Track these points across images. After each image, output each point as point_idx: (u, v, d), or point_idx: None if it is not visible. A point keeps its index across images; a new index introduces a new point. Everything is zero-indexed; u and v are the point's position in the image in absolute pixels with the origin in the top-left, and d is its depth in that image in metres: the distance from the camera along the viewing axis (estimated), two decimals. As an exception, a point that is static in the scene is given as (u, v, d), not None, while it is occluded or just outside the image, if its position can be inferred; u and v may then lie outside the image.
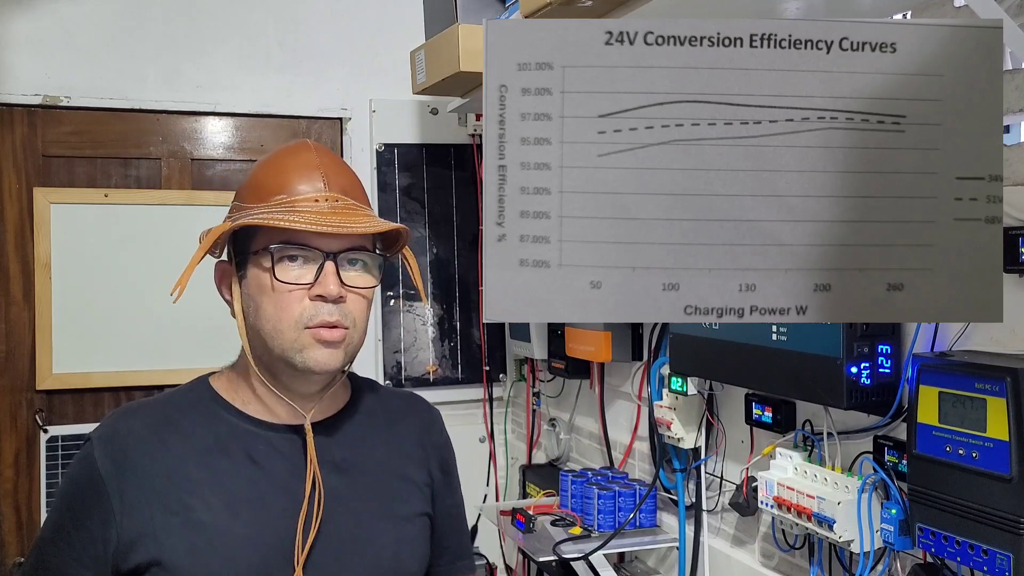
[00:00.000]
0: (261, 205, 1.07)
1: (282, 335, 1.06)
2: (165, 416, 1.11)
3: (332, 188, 1.08)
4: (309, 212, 1.05)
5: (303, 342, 1.06)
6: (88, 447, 1.09)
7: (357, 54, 2.74)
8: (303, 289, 1.06)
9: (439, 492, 1.23)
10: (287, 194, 1.07)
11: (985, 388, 1.09)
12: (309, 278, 1.06)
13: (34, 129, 2.47)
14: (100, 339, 2.48)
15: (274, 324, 1.06)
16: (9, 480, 2.43)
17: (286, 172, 1.09)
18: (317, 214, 1.05)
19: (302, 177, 1.08)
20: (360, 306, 1.10)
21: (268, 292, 1.06)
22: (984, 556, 1.09)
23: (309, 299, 1.06)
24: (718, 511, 1.81)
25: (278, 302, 1.06)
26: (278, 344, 1.07)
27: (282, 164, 1.11)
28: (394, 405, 1.25)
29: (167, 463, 1.07)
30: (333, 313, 1.06)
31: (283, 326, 1.06)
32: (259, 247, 1.07)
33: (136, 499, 1.05)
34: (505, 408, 2.87)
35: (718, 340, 1.58)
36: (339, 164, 1.14)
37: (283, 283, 1.05)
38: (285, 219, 1.04)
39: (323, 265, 1.06)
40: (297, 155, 1.11)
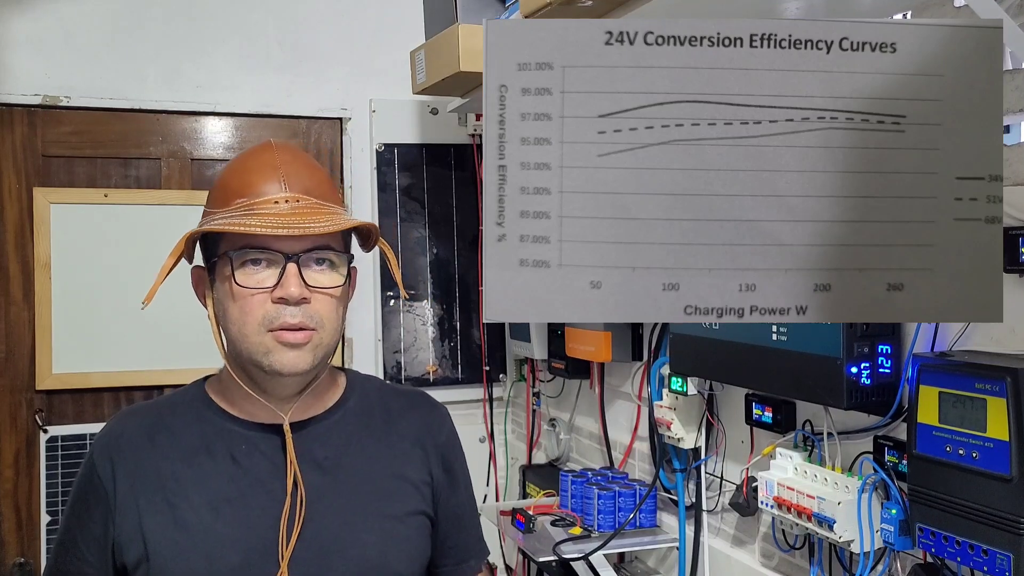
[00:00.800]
0: (224, 210, 1.08)
1: (247, 339, 1.07)
2: (158, 418, 1.14)
3: (292, 188, 1.08)
4: (268, 214, 1.05)
5: (267, 345, 1.06)
6: (90, 449, 1.14)
7: (357, 54, 2.74)
8: (265, 292, 1.06)
9: (441, 491, 1.22)
10: (248, 197, 1.07)
11: (985, 388, 1.09)
12: (271, 281, 1.06)
13: (34, 129, 2.47)
14: (100, 339, 2.48)
15: (239, 328, 1.07)
16: (9, 480, 2.43)
17: (246, 174, 1.10)
18: (276, 216, 1.05)
19: (262, 179, 1.08)
20: (327, 306, 1.09)
21: (232, 297, 1.07)
22: (984, 556, 1.09)
23: (272, 301, 1.06)
24: (718, 511, 1.81)
25: (242, 306, 1.06)
26: (245, 348, 1.08)
27: (243, 166, 1.12)
28: (395, 403, 1.24)
29: (156, 463, 1.10)
30: (296, 315, 1.06)
31: (247, 330, 1.06)
32: (222, 252, 1.08)
33: (127, 499, 1.08)
34: (505, 408, 2.87)
35: (718, 340, 1.58)
36: (302, 163, 1.13)
37: (244, 287, 1.06)
38: (242, 223, 1.04)
39: (284, 267, 1.06)
40: (258, 156, 1.12)
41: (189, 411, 1.14)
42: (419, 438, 1.22)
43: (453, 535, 1.24)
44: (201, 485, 1.08)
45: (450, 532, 1.23)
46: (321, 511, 1.10)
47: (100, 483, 1.09)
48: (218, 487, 1.08)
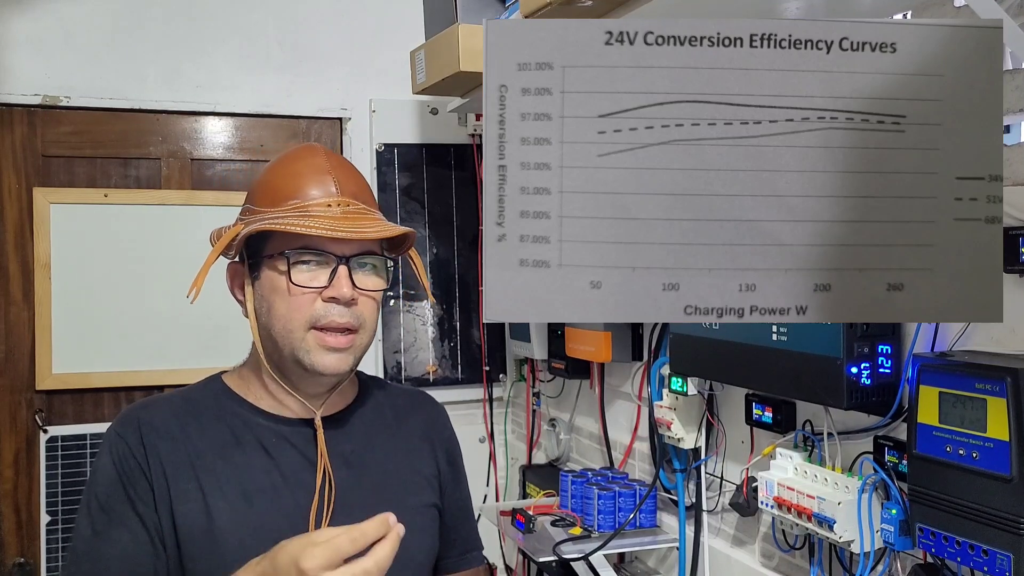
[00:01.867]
0: (275, 209, 1.11)
1: (292, 335, 1.10)
2: (184, 410, 1.16)
3: (344, 193, 1.12)
4: (322, 217, 1.09)
5: (310, 344, 1.10)
6: (113, 438, 1.12)
7: (357, 54, 2.74)
8: (316, 292, 1.09)
9: (447, 485, 1.27)
10: (300, 199, 1.10)
11: (985, 388, 1.09)
12: (322, 280, 1.10)
13: (34, 129, 2.47)
14: (100, 339, 2.48)
15: (284, 324, 1.10)
16: (9, 480, 2.43)
17: (298, 176, 1.13)
18: (330, 219, 1.09)
19: (314, 182, 1.12)
20: (370, 307, 1.13)
21: (282, 293, 1.10)
22: (984, 556, 1.09)
23: (322, 300, 1.09)
24: (718, 511, 1.81)
25: (291, 303, 1.10)
26: (288, 344, 1.10)
27: (294, 168, 1.14)
28: (401, 401, 1.29)
29: (188, 453, 1.11)
30: (344, 315, 1.10)
31: (293, 326, 1.10)
32: (274, 251, 1.11)
33: (161, 485, 1.09)
34: (505, 408, 2.87)
35: (718, 340, 1.58)
36: (349, 168, 1.18)
37: (298, 286, 1.09)
38: (300, 224, 1.07)
39: (336, 269, 1.10)
40: (308, 159, 1.14)
41: (214, 404, 1.16)
42: (426, 434, 1.27)
43: (458, 526, 1.29)
44: (234, 476, 1.11)
45: (455, 524, 1.29)
46: (349, 504, 1.13)
47: (138, 465, 1.09)
48: (252, 478, 1.11)
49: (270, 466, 1.12)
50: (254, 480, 1.11)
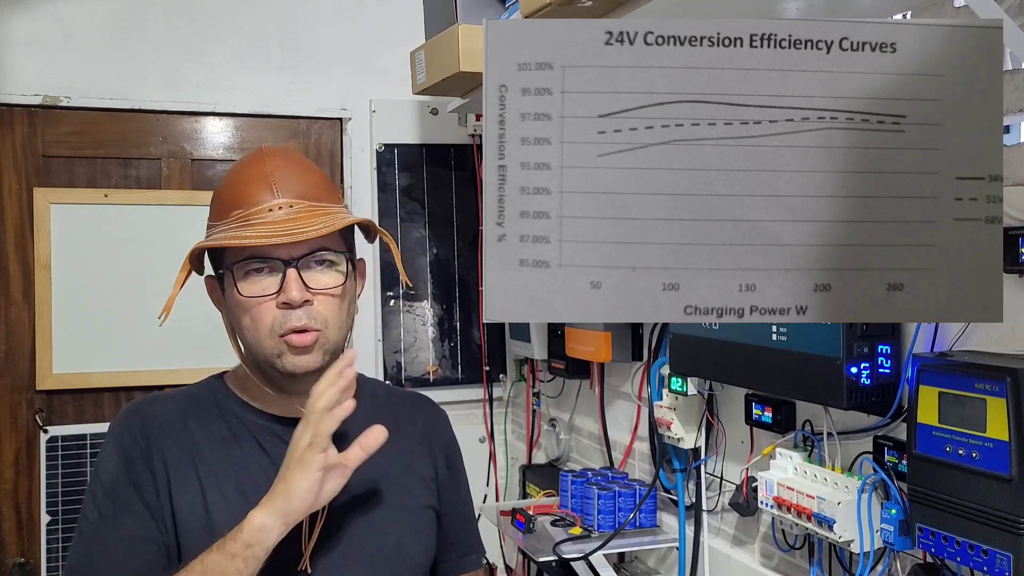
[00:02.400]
0: (223, 222, 1.11)
1: (260, 344, 1.11)
2: (185, 406, 1.17)
3: (285, 194, 1.11)
4: (263, 224, 1.08)
5: (279, 348, 1.11)
6: (118, 430, 1.14)
7: (357, 54, 2.74)
8: (270, 299, 1.10)
9: (445, 488, 1.27)
10: (243, 208, 1.10)
11: (985, 388, 1.09)
12: (274, 287, 1.10)
13: (34, 129, 2.47)
14: (100, 339, 2.48)
15: (252, 335, 1.11)
16: (9, 480, 2.43)
17: (240, 185, 1.13)
18: (271, 224, 1.08)
19: (254, 188, 1.11)
20: (330, 305, 1.12)
21: (241, 306, 1.11)
22: (984, 556, 1.09)
23: (277, 307, 1.10)
24: (718, 511, 1.81)
25: (252, 315, 1.10)
26: (259, 352, 1.12)
27: (236, 178, 1.14)
28: (401, 403, 1.30)
29: (188, 447, 1.13)
30: (301, 318, 1.10)
31: (260, 335, 1.11)
32: (227, 264, 1.12)
33: (162, 477, 1.10)
34: (505, 408, 2.87)
35: (718, 340, 1.58)
36: (294, 167, 1.16)
37: (250, 297, 1.10)
38: (238, 236, 1.07)
39: (285, 273, 1.09)
40: (250, 166, 1.15)
41: (214, 402, 1.18)
42: (425, 436, 1.27)
43: (456, 529, 1.29)
44: (231, 471, 1.12)
45: (453, 527, 1.28)
46: (342, 503, 1.13)
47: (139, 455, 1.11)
48: (247, 474, 1.12)
49: (266, 463, 1.13)
50: (250, 475, 1.12)
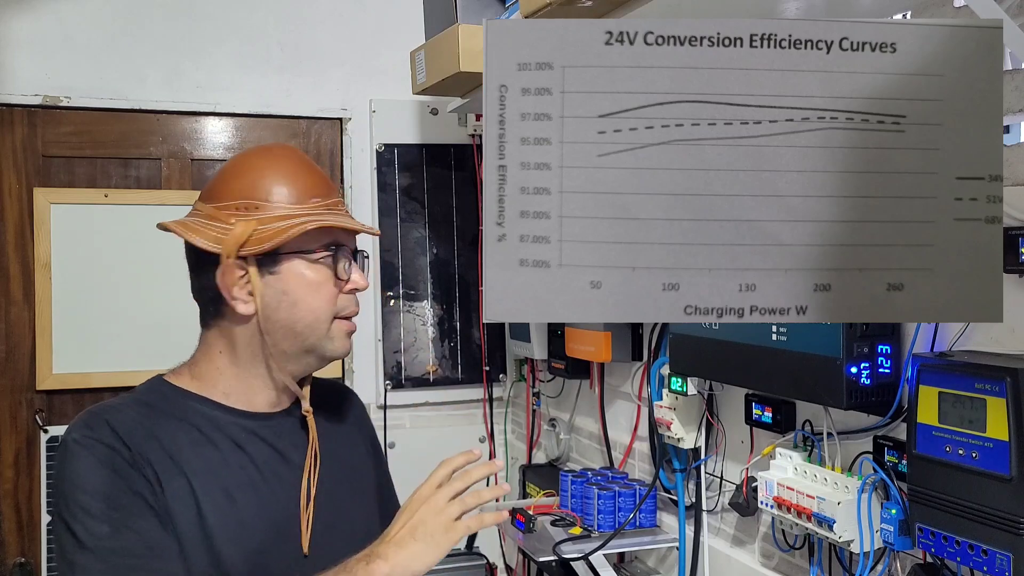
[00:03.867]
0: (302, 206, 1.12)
1: (320, 325, 1.14)
2: (146, 412, 1.10)
3: (334, 192, 1.18)
4: (344, 215, 1.16)
5: (335, 332, 1.15)
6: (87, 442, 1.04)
7: (357, 54, 2.74)
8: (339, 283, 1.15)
9: (377, 470, 1.34)
10: (321, 197, 1.15)
11: (985, 388, 1.09)
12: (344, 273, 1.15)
13: (34, 129, 2.47)
14: (100, 339, 2.48)
15: (315, 316, 1.13)
16: (9, 480, 2.43)
17: (308, 175, 1.16)
18: (347, 216, 1.16)
19: (321, 180, 1.17)
20: None
21: (315, 286, 1.13)
22: (984, 556, 1.09)
23: (343, 292, 1.15)
24: (718, 511, 1.81)
25: (325, 296, 1.14)
26: (313, 334, 1.14)
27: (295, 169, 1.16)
28: (331, 392, 1.32)
29: (168, 452, 1.07)
30: (357, 304, 1.19)
31: (324, 316, 1.14)
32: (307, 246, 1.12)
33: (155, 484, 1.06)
34: (505, 408, 2.87)
35: (718, 340, 1.58)
36: None
37: (343, 280, 1.15)
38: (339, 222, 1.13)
39: (352, 262, 1.17)
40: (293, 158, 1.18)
41: (171, 405, 1.12)
42: (356, 421, 1.33)
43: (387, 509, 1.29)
44: (213, 474, 1.10)
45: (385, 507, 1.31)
46: (321, 491, 1.17)
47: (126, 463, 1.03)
48: (229, 474, 1.11)
49: (245, 461, 1.13)
50: (233, 476, 1.11)
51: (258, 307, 1.12)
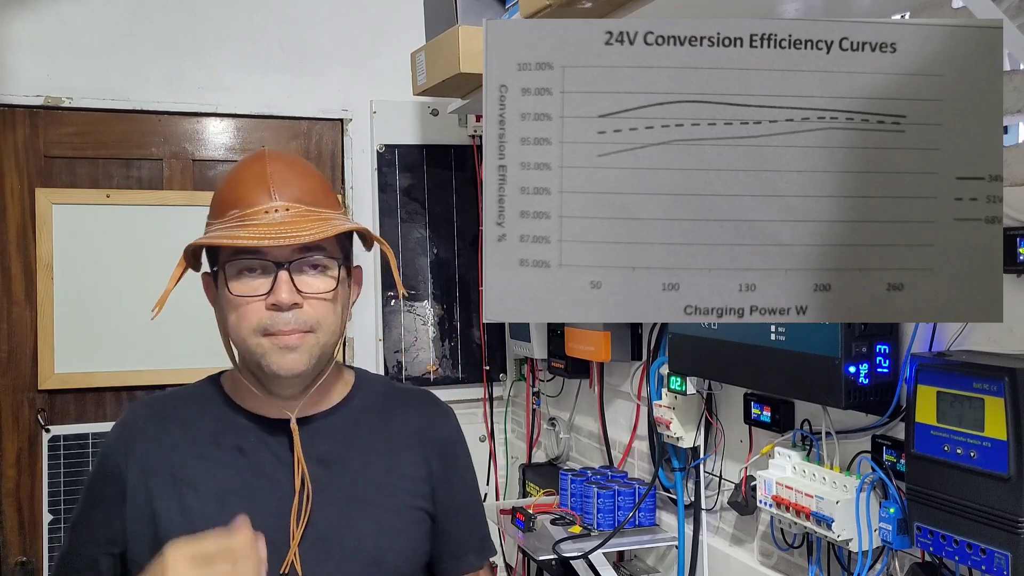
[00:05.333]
0: (219, 221, 1.13)
1: (245, 343, 1.12)
2: (173, 408, 1.19)
3: (282, 197, 1.12)
4: (259, 225, 1.09)
5: (264, 347, 1.10)
6: (108, 436, 1.19)
7: (358, 55, 2.74)
8: (260, 300, 1.10)
9: (439, 487, 1.24)
10: (239, 208, 1.11)
11: (983, 388, 1.10)
12: (265, 288, 1.10)
13: (36, 130, 2.47)
14: (102, 339, 2.48)
15: (237, 333, 1.12)
16: (11, 479, 2.43)
17: (239, 185, 1.14)
18: (267, 226, 1.08)
19: (253, 189, 1.12)
20: (322, 309, 1.13)
21: (231, 304, 1.11)
22: (982, 555, 1.09)
23: (266, 308, 1.10)
24: (717, 510, 1.81)
25: (239, 314, 1.11)
26: (245, 350, 1.13)
27: (236, 178, 1.16)
28: (397, 401, 1.28)
29: (167, 452, 1.14)
30: (289, 322, 1.10)
31: (244, 334, 1.11)
32: (221, 262, 1.13)
33: (139, 485, 1.12)
34: (505, 408, 2.88)
35: (717, 340, 1.58)
36: (293, 171, 1.16)
37: (239, 296, 1.10)
38: (232, 235, 1.08)
39: (276, 275, 1.09)
40: (250, 167, 1.16)
41: (203, 403, 1.19)
42: (417, 434, 1.25)
43: (450, 529, 1.26)
44: (209, 476, 1.13)
45: (447, 526, 1.25)
46: (321, 503, 1.13)
47: (114, 468, 1.14)
48: (224, 478, 1.13)
49: (244, 466, 1.13)
50: (228, 480, 1.13)
51: (218, 320, 1.18)
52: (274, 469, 1.14)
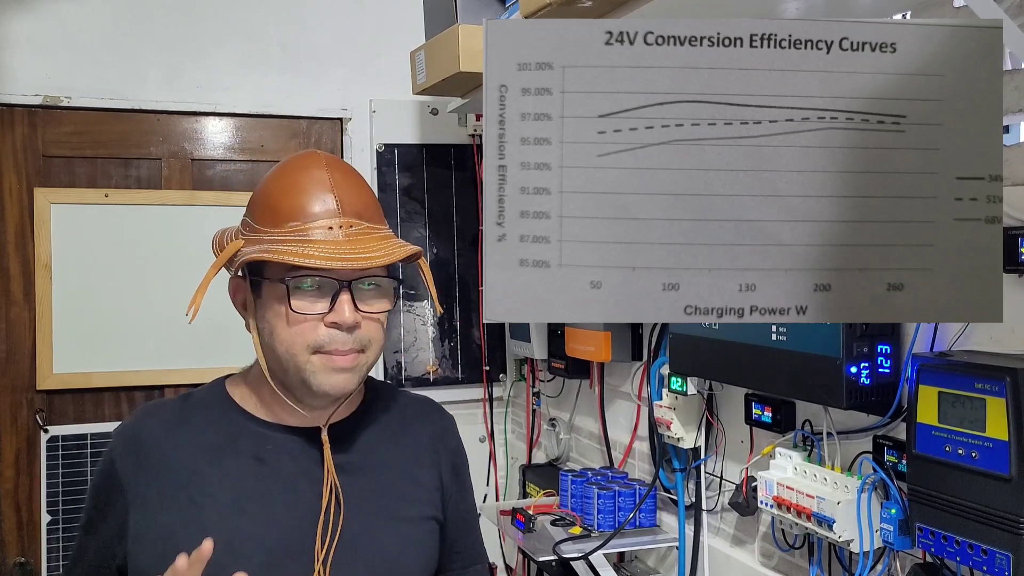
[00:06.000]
0: (275, 231, 1.07)
1: (296, 359, 1.08)
2: (182, 416, 1.15)
3: (346, 212, 1.08)
4: (323, 242, 1.05)
5: (316, 366, 1.07)
6: (111, 444, 1.15)
7: (357, 54, 2.74)
8: (318, 318, 1.07)
9: (450, 496, 1.24)
10: (301, 220, 1.07)
11: (985, 388, 1.09)
12: (324, 306, 1.07)
13: (35, 129, 2.47)
14: (100, 339, 2.48)
15: (287, 348, 1.08)
16: (9, 480, 2.43)
17: (299, 193, 1.09)
18: (332, 244, 1.05)
19: (315, 200, 1.08)
20: (375, 329, 1.11)
21: (283, 318, 1.07)
22: (984, 556, 1.09)
23: (324, 326, 1.07)
24: (718, 511, 1.81)
25: (294, 329, 1.07)
26: (293, 365, 1.08)
27: (295, 183, 1.10)
28: (409, 410, 1.27)
29: (179, 461, 1.11)
30: (347, 342, 1.07)
31: (297, 350, 1.07)
32: (274, 275, 1.08)
33: (148, 495, 1.09)
34: (505, 408, 2.88)
35: (718, 340, 1.58)
36: (352, 181, 1.13)
37: (299, 313, 1.06)
38: (300, 252, 1.04)
39: (337, 294, 1.07)
40: (310, 171, 1.10)
41: (212, 410, 1.16)
42: (432, 443, 1.25)
43: (461, 539, 1.27)
44: (225, 483, 1.10)
45: (458, 536, 1.26)
46: (344, 513, 1.12)
47: (119, 478, 1.11)
48: (243, 485, 1.10)
49: (263, 474, 1.11)
50: (246, 487, 1.10)
51: (252, 327, 1.12)
52: (296, 476, 1.12)
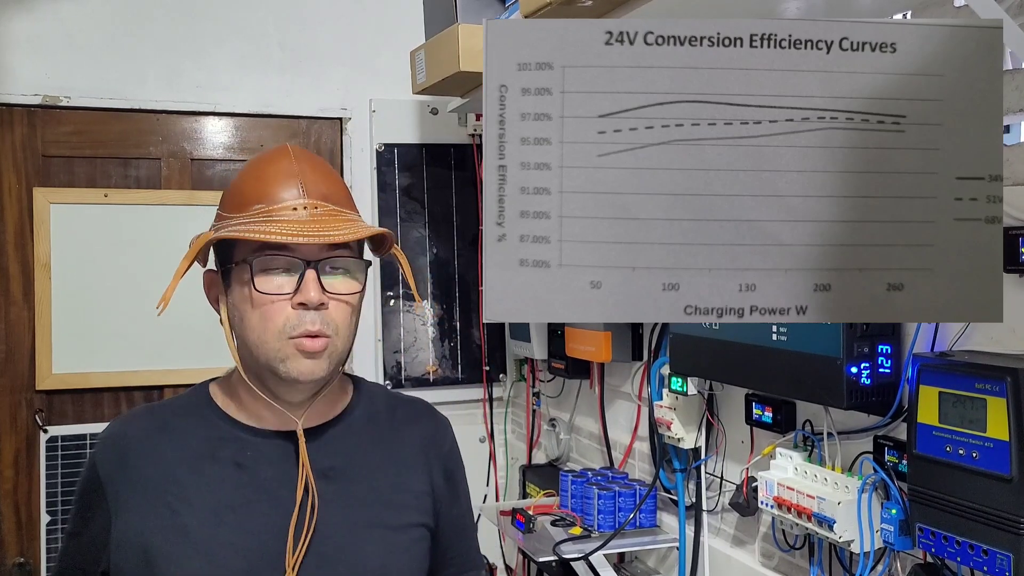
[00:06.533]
0: (240, 215, 1.07)
1: (266, 344, 1.06)
2: (163, 421, 1.14)
3: (311, 195, 1.08)
4: (287, 221, 1.05)
5: (286, 352, 1.06)
6: (94, 449, 1.14)
7: (357, 54, 2.74)
8: (285, 299, 1.06)
9: (442, 502, 1.22)
10: (265, 203, 1.07)
11: (985, 388, 1.09)
12: (291, 287, 1.06)
13: (34, 129, 2.47)
14: (100, 339, 2.48)
15: (258, 334, 1.06)
16: (9, 480, 2.43)
17: (264, 180, 1.09)
18: (296, 223, 1.05)
19: (280, 185, 1.08)
20: (343, 313, 1.09)
21: (251, 302, 1.06)
22: (984, 556, 1.09)
23: (291, 307, 1.06)
24: (718, 511, 1.81)
25: (262, 313, 1.06)
26: (263, 354, 1.07)
27: (261, 172, 1.11)
28: (400, 412, 1.24)
29: (159, 467, 1.09)
30: (315, 322, 1.06)
31: (267, 336, 1.06)
32: (239, 258, 1.08)
33: (129, 502, 1.08)
34: (505, 408, 2.87)
35: (718, 340, 1.58)
36: (319, 168, 1.13)
37: (264, 294, 1.05)
38: (263, 230, 1.04)
39: (303, 273, 1.06)
40: (275, 162, 1.11)
41: (194, 415, 1.14)
42: (423, 447, 1.22)
43: (455, 545, 1.24)
44: (205, 490, 1.08)
45: (452, 542, 1.24)
46: (325, 519, 1.09)
47: (100, 484, 1.10)
48: (222, 493, 1.08)
49: (243, 481, 1.09)
50: (225, 495, 1.08)
51: (224, 320, 1.11)
52: (276, 485, 1.09)
